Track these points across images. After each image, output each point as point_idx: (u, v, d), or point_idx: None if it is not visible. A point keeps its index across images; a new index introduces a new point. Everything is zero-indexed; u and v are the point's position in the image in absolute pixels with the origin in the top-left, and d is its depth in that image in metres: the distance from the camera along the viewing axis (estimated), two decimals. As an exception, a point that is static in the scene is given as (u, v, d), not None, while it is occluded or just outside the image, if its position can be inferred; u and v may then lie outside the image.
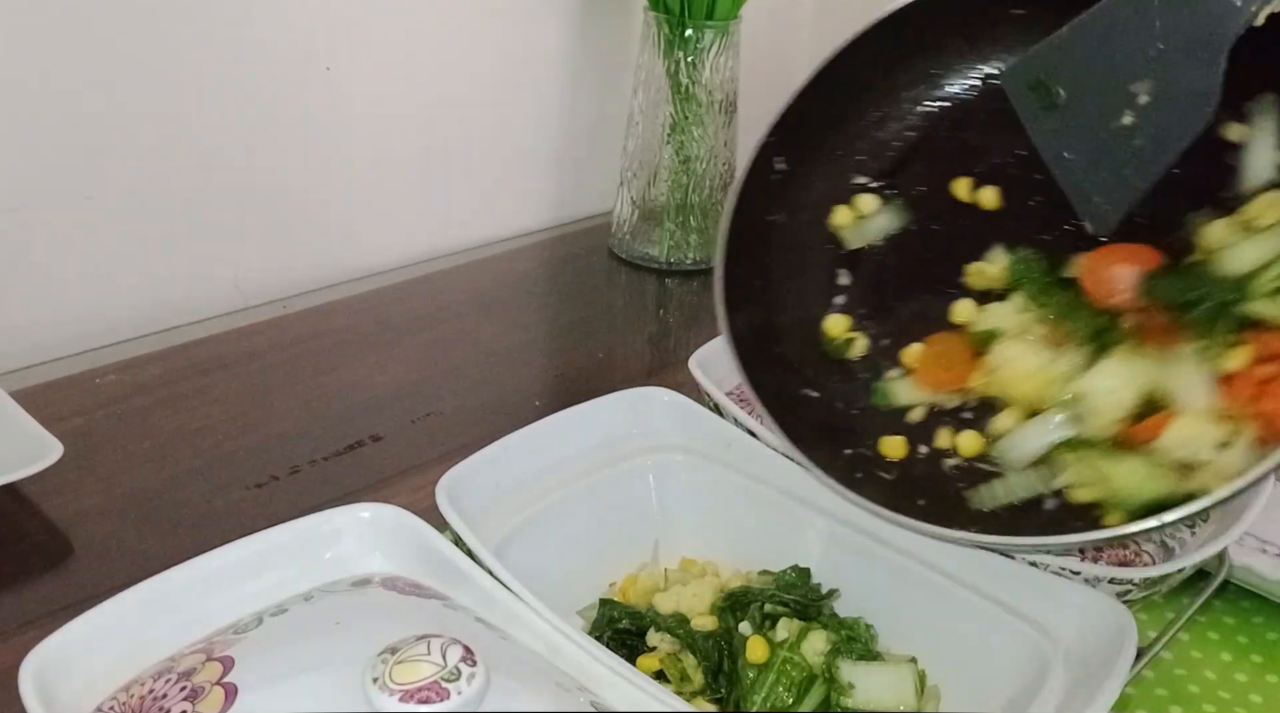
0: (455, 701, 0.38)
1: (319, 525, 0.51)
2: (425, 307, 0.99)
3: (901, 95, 0.63)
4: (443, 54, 1.05)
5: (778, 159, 0.62)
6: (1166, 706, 0.59)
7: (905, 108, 0.63)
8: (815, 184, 0.64)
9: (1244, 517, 0.60)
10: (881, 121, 0.64)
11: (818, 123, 0.63)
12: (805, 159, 0.63)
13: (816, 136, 0.63)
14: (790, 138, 0.62)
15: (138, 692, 0.42)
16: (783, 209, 0.63)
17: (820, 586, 0.59)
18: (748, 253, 0.62)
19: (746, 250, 0.62)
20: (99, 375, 0.82)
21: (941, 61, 0.62)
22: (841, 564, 0.60)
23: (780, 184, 0.63)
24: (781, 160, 0.62)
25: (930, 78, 0.63)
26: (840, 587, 0.59)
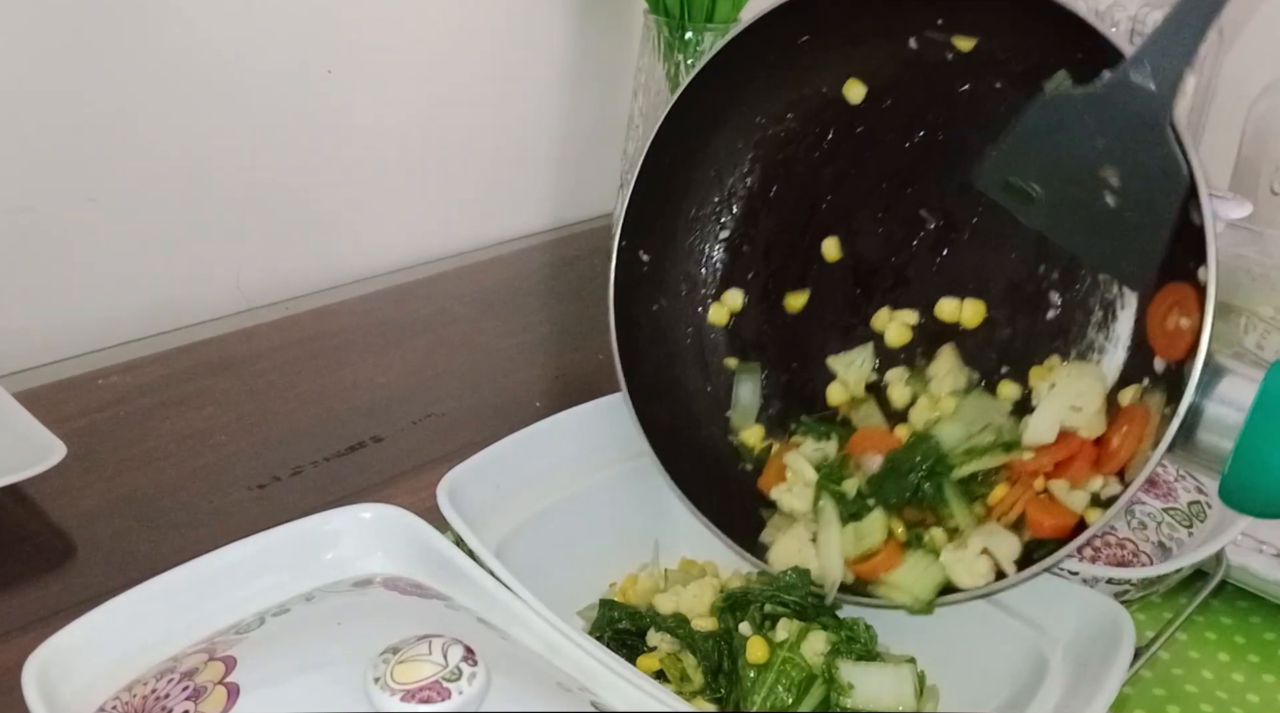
0: (456, 700, 0.38)
1: (320, 526, 0.51)
2: (426, 308, 0.99)
3: (727, 147, 0.65)
4: (444, 57, 1.06)
5: (641, 253, 0.65)
6: (1164, 705, 0.59)
7: (736, 157, 0.66)
8: (681, 261, 0.67)
9: (1241, 517, 0.60)
10: (719, 178, 0.66)
11: (664, 205, 0.65)
12: (665, 242, 0.66)
13: (669, 217, 0.66)
14: (644, 230, 0.64)
15: (140, 692, 0.42)
16: (661, 294, 0.67)
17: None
18: (644, 347, 0.65)
19: (642, 345, 0.65)
20: (102, 377, 0.82)
21: (754, 105, 0.64)
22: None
23: (651, 273, 0.66)
24: (644, 252, 0.65)
25: (751, 125, 0.65)
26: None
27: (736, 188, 0.66)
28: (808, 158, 0.64)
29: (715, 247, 0.67)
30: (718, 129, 0.64)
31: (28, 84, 0.80)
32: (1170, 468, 0.66)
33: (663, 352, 0.66)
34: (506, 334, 0.96)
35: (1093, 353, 0.57)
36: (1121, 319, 0.57)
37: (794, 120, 0.64)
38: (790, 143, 0.65)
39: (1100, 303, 0.57)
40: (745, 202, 0.66)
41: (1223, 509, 0.63)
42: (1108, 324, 0.57)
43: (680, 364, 0.67)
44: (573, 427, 0.64)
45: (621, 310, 0.64)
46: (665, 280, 0.66)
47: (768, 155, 0.65)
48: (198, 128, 0.90)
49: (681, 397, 0.66)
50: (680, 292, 0.67)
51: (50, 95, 0.81)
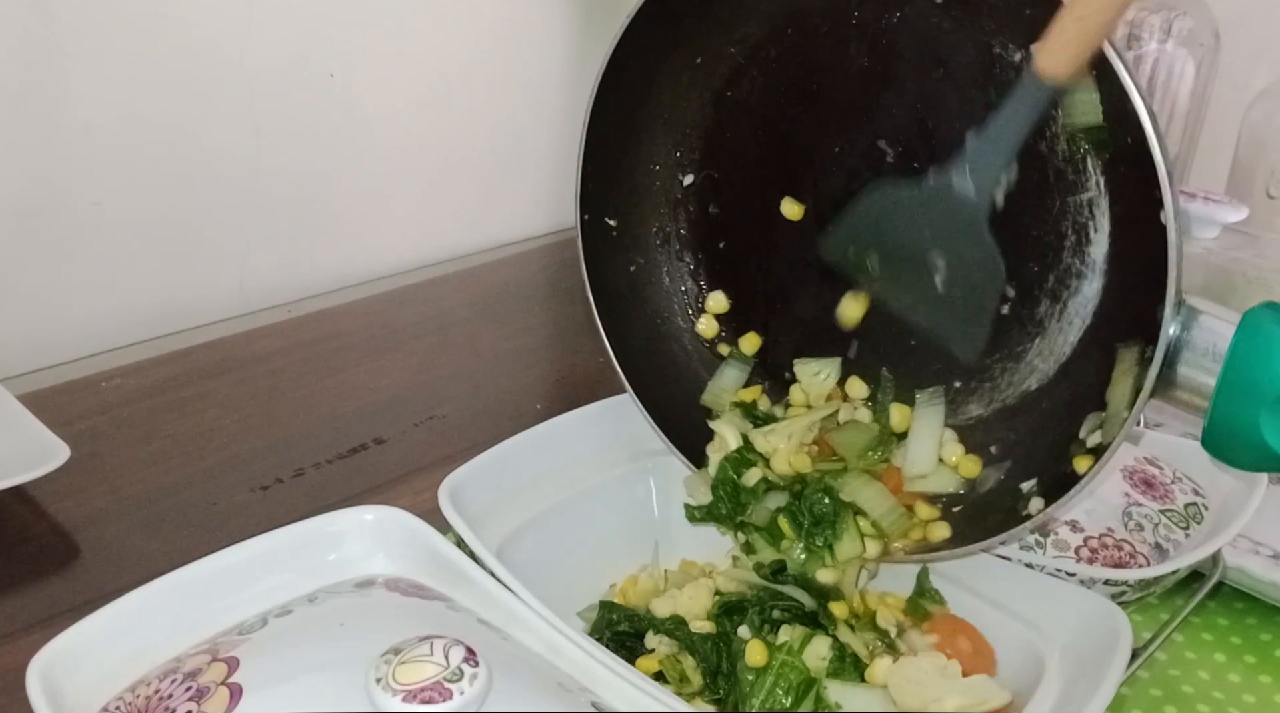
0: (458, 701, 0.38)
1: (323, 528, 0.51)
2: (428, 311, 1.00)
3: (672, 92, 0.64)
4: (445, 62, 1.06)
5: (607, 220, 0.64)
6: (1161, 706, 0.59)
7: (684, 99, 0.64)
8: (650, 215, 0.66)
9: (1238, 519, 0.60)
10: (671, 123, 0.65)
11: (620, 165, 0.64)
12: (630, 202, 0.65)
13: (627, 176, 0.65)
14: (605, 196, 0.64)
15: (143, 692, 0.42)
16: (636, 253, 0.66)
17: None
18: (626, 308, 0.65)
19: (624, 307, 0.65)
20: (106, 379, 0.82)
21: (693, 46, 0.63)
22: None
23: (621, 237, 0.65)
24: (609, 217, 0.65)
25: (693, 66, 0.63)
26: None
27: (690, 131, 0.65)
28: (756, 91, 0.63)
29: (684, 193, 0.66)
30: (658, 74, 0.63)
31: (31, 88, 0.80)
32: (1167, 470, 0.66)
33: (648, 312, 0.66)
34: (507, 337, 0.96)
35: (1071, 278, 0.57)
36: (1095, 243, 0.56)
37: (736, 54, 0.63)
38: (737, 77, 0.63)
39: (1073, 226, 0.56)
40: (703, 144, 0.65)
41: (1218, 512, 0.63)
42: (1082, 248, 0.56)
43: (667, 317, 0.67)
44: (573, 429, 0.64)
45: (599, 283, 0.64)
46: (638, 238, 0.66)
47: (717, 91, 0.64)
48: (201, 132, 0.90)
49: (673, 353, 0.66)
50: (655, 244, 0.66)
51: (55, 101, 0.81)
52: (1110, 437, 0.51)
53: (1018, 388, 0.59)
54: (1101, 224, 0.55)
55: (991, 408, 0.60)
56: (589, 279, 0.64)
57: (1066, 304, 0.57)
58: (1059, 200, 0.56)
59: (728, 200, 0.66)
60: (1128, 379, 0.52)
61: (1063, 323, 0.57)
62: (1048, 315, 0.57)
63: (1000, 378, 0.59)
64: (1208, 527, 0.63)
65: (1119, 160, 0.53)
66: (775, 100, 0.63)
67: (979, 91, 0.56)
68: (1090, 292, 0.56)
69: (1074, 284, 0.57)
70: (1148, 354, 0.49)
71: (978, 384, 0.60)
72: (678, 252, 0.67)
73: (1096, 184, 0.55)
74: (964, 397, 0.60)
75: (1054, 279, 0.57)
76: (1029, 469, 0.56)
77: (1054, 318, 0.57)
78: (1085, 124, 0.53)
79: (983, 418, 0.60)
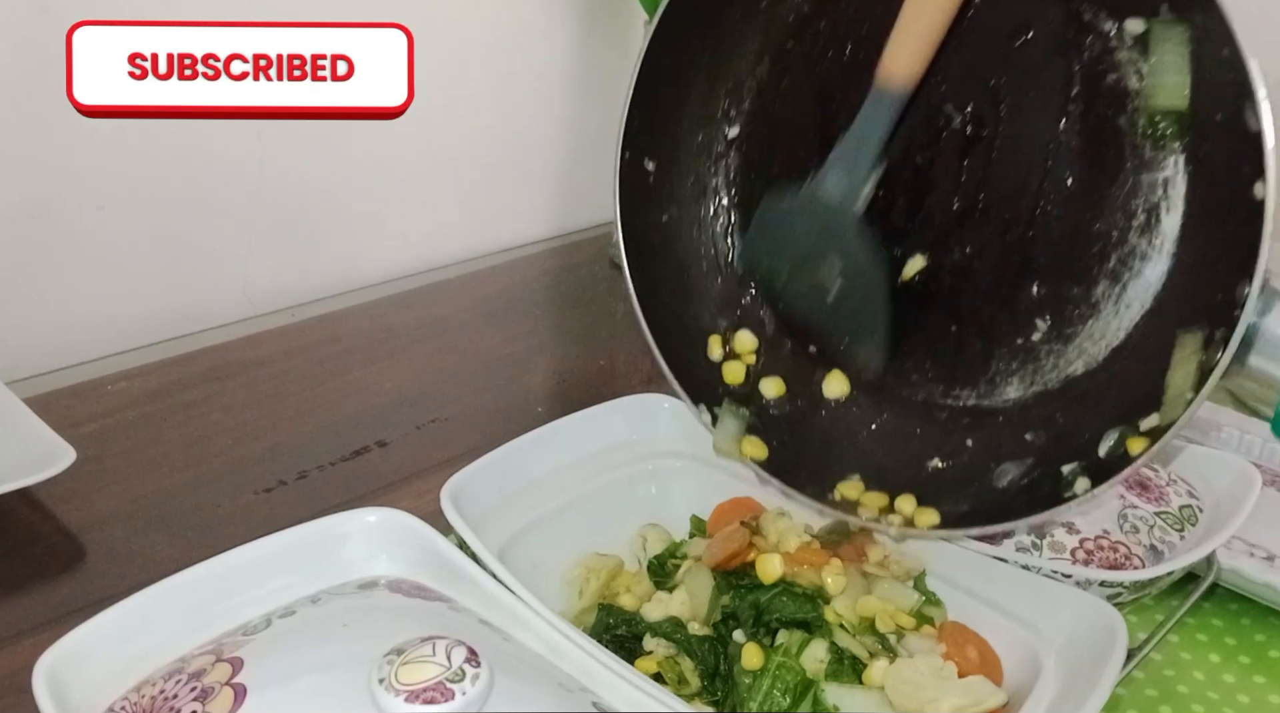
0: (460, 701, 0.38)
1: (326, 529, 0.52)
2: (430, 315, 1.00)
3: (731, 37, 0.62)
4: (448, 69, 1.06)
5: (646, 163, 0.62)
6: (1156, 706, 0.59)
7: (742, 45, 0.62)
8: (689, 165, 0.64)
9: (1232, 521, 0.61)
10: (725, 71, 0.63)
11: (667, 108, 0.62)
12: (670, 147, 0.63)
13: (672, 120, 0.63)
14: (647, 137, 0.61)
15: (149, 692, 0.43)
16: (671, 203, 0.64)
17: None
18: (654, 259, 0.63)
19: (653, 258, 0.63)
20: (111, 382, 0.82)
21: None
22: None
23: (658, 183, 0.63)
24: (649, 160, 0.62)
25: (756, 10, 0.61)
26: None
27: (745, 80, 0.62)
28: (819, 46, 0.61)
29: (726, 147, 0.64)
30: (720, 20, 0.61)
31: (36, 94, 0.80)
32: (1162, 473, 0.66)
33: (675, 264, 0.64)
34: (508, 340, 0.96)
35: (1134, 260, 0.55)
36: (1166, 223, 0.54)
37: (805, 3, 0.60)
38: (801, 27, 0.61)
39: (1144, 205, 0.54)
40: (755, 95, 0.63)
41: (1213, 514, 0.64)
42: (1151, 228, 0.54)
43: (695, 274, 0.65)
44: (574, 432, 0.64)
45: (630, 228, 0.62)
46: (674, 188, 0.64)
47: (777, 43, 0.61)
48: (205, 137, 0.90)
49: (695, 310, 0.64)
50: (691, 197, 0.64)
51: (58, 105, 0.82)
52: (1170, 418, 0.49)
53: (1062, 372, 0.58)
54: (1175, 204, 0.53)
55: (1032, 391, 0.58)
56: (621, 222, 0.62)
57: (1127, 286, 0.55)
58: (1132, 178, 0.54)
59: (769, 161, 0.64)
60: (1190, 363, 0.50)
61: (1120, 306, 0.55)
62: (1104, 297, 0.56)
63: (1045, 360, 0.58)
64: (1202, 529, 0.63)
65: (1203, 138, 0.51)
66: (838, 58, 0.60)
67: (1060, 58, 0.55)
68: (1154, 274, 0.54)
69: (1137, 266, 0.55)
70: (1218, 336, 0.47)
71: (1020, 366, 0.59)
72: (712, 208, 0.65)
73: (1175, 162, 0.53)
74: (1004, 378, 0.59)
75: (1116, 260, 0.55)
76: (1068, 454, 0.55)
77: (1111, 300, 0.56)
78: (1168, 108, 0.52)
79: (1021, 401, 0.59)
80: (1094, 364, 0.57)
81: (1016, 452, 0.58)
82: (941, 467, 0.60)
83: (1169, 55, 0.52)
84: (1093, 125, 0.55)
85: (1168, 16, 0.51)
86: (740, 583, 0.57)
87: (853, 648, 0.54)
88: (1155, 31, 0.52)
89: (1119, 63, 0.54)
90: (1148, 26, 0.53)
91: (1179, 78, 0.51)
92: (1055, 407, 0.58)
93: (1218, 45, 0.47)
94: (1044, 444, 0.57)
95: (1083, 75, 0.55)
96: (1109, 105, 0.54)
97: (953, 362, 0.60)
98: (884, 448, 0.62)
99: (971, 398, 0.60)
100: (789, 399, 0.63)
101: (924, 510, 0.57)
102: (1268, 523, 0.66)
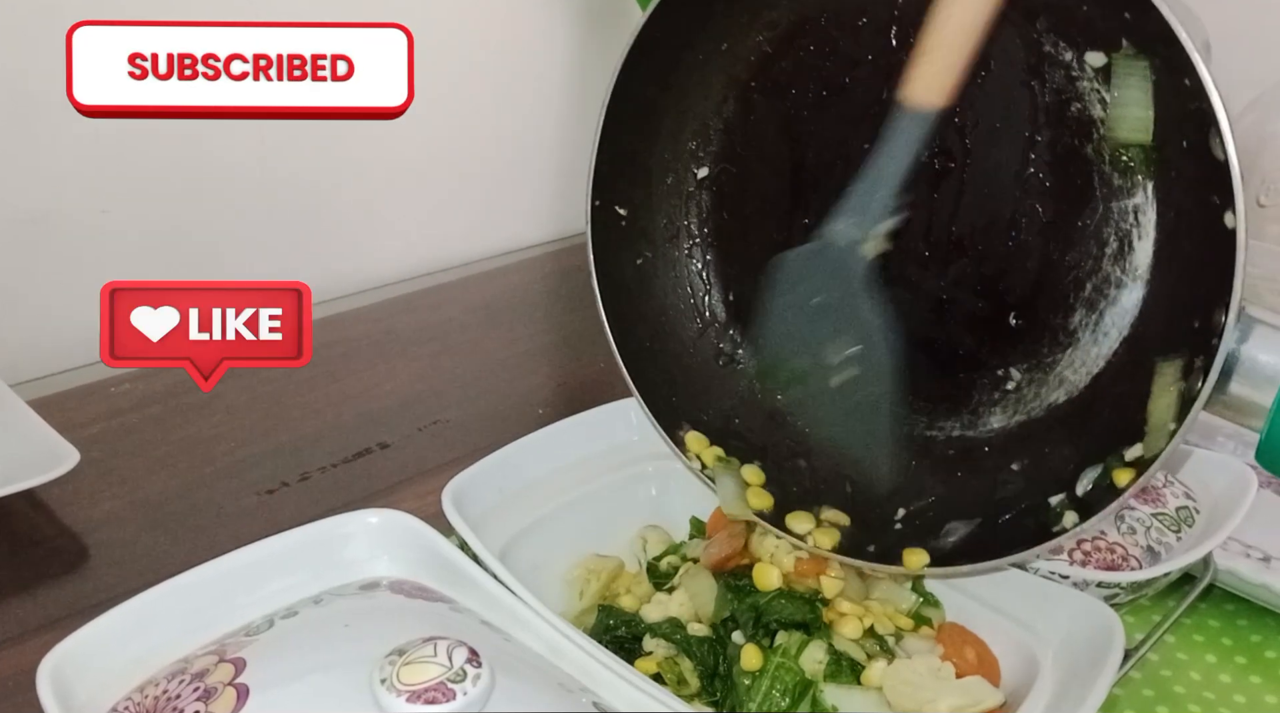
0: (461, 701, 0.39)
1: (328, 531, 0.52)
2: (432, 317, 1.00)
3: (697, 80, 0.62)
4: (449, 73, 1.06)
5: (618, 208, 0.62)
6: (1153, 706, 0.59)
7: (706, 87, 0.62)
8: (661, 207, 0.64)
9: (1228, 522, 0.61)
10: (690, 113, 0.63)
11: (635, 153, 0.62)
12: (642, 192, 0.63)
13: (642, 165, 0.63)
14: (618, 183, 0.62)
15: (152, 692, 0.43)
16: (645, 247, 0.64)
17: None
18: (631, 300, 0.63)
19: (629, 299, 0.63)
20: (114, 385, 0.82)
21: (720, 33, 0.61)
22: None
23: (631, 227, 0.63)
24: (619, 206, 0.63)
25: (719, 53, 0.61)
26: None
27: (711, 122, 0.63)
28: (784, 84, 0.61)
29: (697, 187, 0.64)
30: (683, 61, 0.61)
31: (40, 97, 0.81)
32: (1159, 475, 0.66)
33: (653, 307, 0.64)
34: (509, 343, 0.96)
35: (1109, 287, 0.55)
36: (1139, 250, 0.53)
37: (765, 43, 0.60)
38: (762, 67, 0.61)
39: (1116, 233, 0.54)
40: (722, 135, 0.63)
41: (1210, 515, 0.64)
42: (1124, 255, 0.54)
43: (672, 315, 0.65)
44: (574, 433, 0.65)
45: (606, 272, 0.62)
46: (647, 231, 0.64)
47: (741, 83, 0.61)
48: (208, 141, 0.91)
49: (675, 351, 0.64)
50: (664, 238, 0.64)
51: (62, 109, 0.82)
52: (1155, 450, 0.49)
53: (1044, 400, 0.58)
54: (1147, 231, 0.53)
55: (1015, 420, 0.58)
56: (595, 267, 0.62)
57: (1103, 314, 0.55)
58: (1102, 206, 0.54)
59: (741, 200, 0.64)
60: (1171, 393, 0.50)
61: (1098, 334, 0.55)
62: (1082, 325, 0.56)
63: (1027, 390, 0.58)
64: (1199, 530, 0.63)
65: (1170, 167, 0.51)
66: (803, 95, 0.60)
67: (1024, 89, 0.55)
68: (1130, 302, 0.54)
69: (1112, 293, 0.55)
70: (1198, 364, 0.47)
71: (1001, 396, 0.59)
72: (686, 249, 0.65)
73: (1143, 191, 0.53)
74: (986, 408, 0.59)
75: (1091, 287, 0.55)
76: (1053, 485, 0.54)
77: (1089, 328, 0.56)
78: (1131, 141, 0.52)
79: (1005, 430, 0.59)
80: (1075, 392, 0.57)
81: (1004, 483, 0.58)
82: (931, 501, 0.59)
83: (1131, 90, 0.51)
84: (1061, 155, 0.54)
85: (1129, 51, 0.51)
86: (739, 584, 0.57)
87: (851, 651, 0.54)
88: (1117, 65, 0.52)
89: (1082, 92, 0.54)
90: (1109, 60, 0.52)
91: (1142, 112, 0.51)
92: (1039, 436, 0.58)
93: (1179, 75, 0.46)
94: (1031, 475, 0.57)
95: (1047, 105, 0.55)
96: (1075, 134, 0.54)
97: (934, 394, 0.60)
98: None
99: (956, 429, 0.60)
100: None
101: (913, 551, 0.56)
102: (1264, 525, 0.66)
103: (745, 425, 0.63)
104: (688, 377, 0.65)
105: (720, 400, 0.64)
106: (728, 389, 0.65)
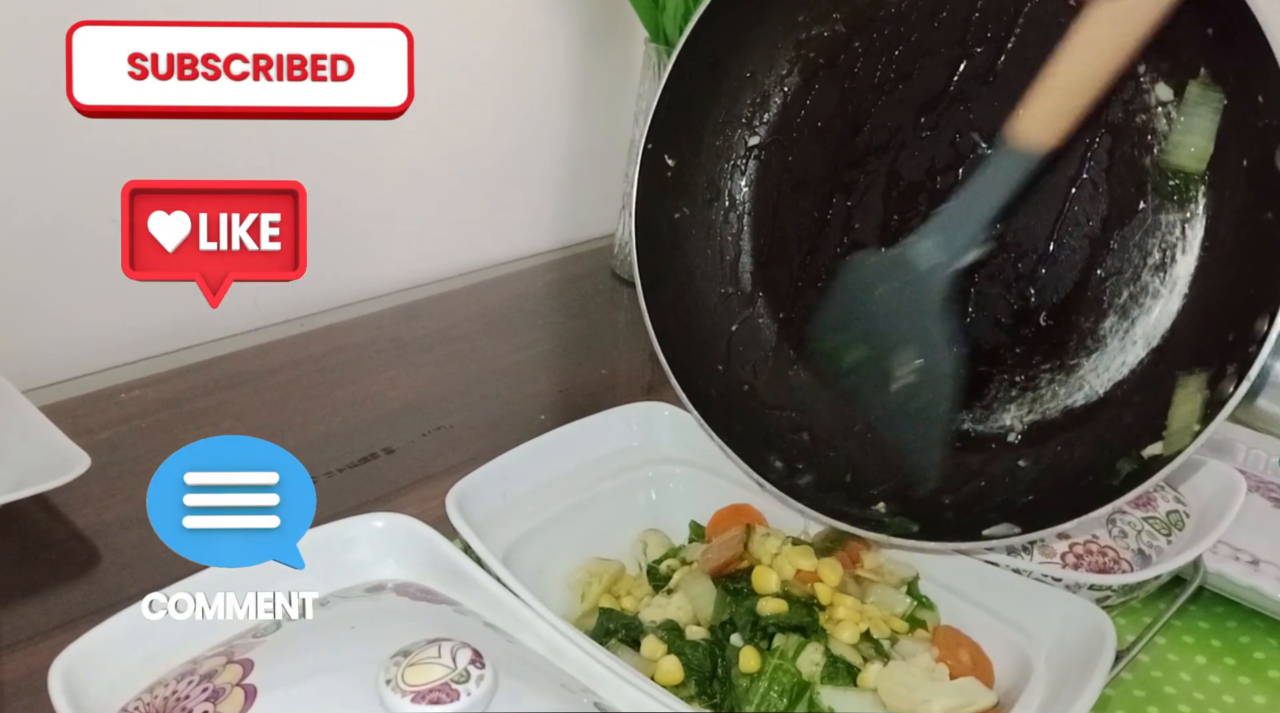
0: (465, 701, 0.39)
1: (334, 534, 0.52)
2: (436, 325, 1.00)
3: (765, 46, 0.61)
4: (453, 84, 1.06)
5: (667, 157, 0.62)
6: (1144, 706, 0.59)
7: (773, 57, 0.62)
8: (707, 167, 0.63)
9: (1218, 526, 0.61)
10: (754, 79, 0.62)
11: (694, 107, 0.62)
12: (692, 146, 0.63)
13: (697, 120, 0.62)
14: (671, 133, 0.61)
15: (161, 693, 0.43)
16: (684, 202, 0.63)
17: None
18: (663, 252, 0.62)
19: (661, 250, 0.62)
20: (124, 391, 0.83)
21: (797, 1, 0.60)
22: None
23: (675, 179, 0.62)
24: (670, 156, 0.62)
25: (792, 23, 0.61)
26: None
27: (772, 91, 0.62)
28: (851, 65, 0.60)
29: (745, 153, 0.64)
30: (756, 25, 0.60)
31: (49, 109, 0.81)
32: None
33: (680, 263, 0.64)
34: (513, 350, 0.97)
35: (1145, 297, 0.55)
36: (1181, 263, 0.53)
37: (840, 21, 0.60)
38: (834, 46, 0.60)
39: (1161, 244, 0.54)
40: (780, 108, 0.62)
41: (1199, 519, 0.64)
42: (1165, 267, 0.54)
43: (698, 275, 0.64)
44: (576, 439, 0.65)
45: (644, 219, 0.61)
46: (690, 187, 0.63)
47: (808, 58, 0.61)
48: (215, 150, 0.91)
49: (698, 311, 0.64)
50: (704, 199, 0.64)
51: (70, 119, 0.83)
52: (1174, 449, 0.49)
53: (1062, 402, 0.58)
54: (1192, 246, 0.53)
55: (1028, 420, 0.59)
56: (635, 212, 0.61)
57: (1135, 322, 0.55)
58: (1150, 217, 0.54)
59: (785, 174, 0.63)
60: (1194, 401, 0.50)
61: (1126, 342, 0.55)
62: (1112, 331, 0.56)
63: (1045, 389, 0.58)
64: (1189, 533, 0.63)
65: (1226, 186, 0.51)
66: (867, 79, 0.60)
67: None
68: (1164, 313, 0.54)
69: (1147, 303, 0.55)
70: (1230, 371, 0.47)
71: (1019, 393, 0.58)
72: (723, 213, 0.64)
73: (1195, 206, 0.53)
74: (1000, 405, 0.59)
75: (1127, 295, 0.55)
76: (1061, 483, 0.55)
77: (1118, 335, 0.56)
78: (1185, 168, 0.52)
79: (1017, 429, 0.59)
80: (1094, 397, 0.57)
81: (1008, 477, 0.58)
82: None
83: (1198, 119, 0.51)
84: (1118, 162, 0.54)
85: (1205, 79, 0.51)
86: (737, 587, 0.58)
87: (847, 654, 0.55)
88: (1191, 93, 0.52)
89: (1149, 104, 0.54)
90: (1183, 86, 0.52)
91: (1204, 142, 0.51)
92: (1051, 437, 0.58)
93: (1254, 92, 0.46)
94: (1036, 474, 0.57)
95: (1112, 112, 0.55)
96: (1136, 145, 0.54)
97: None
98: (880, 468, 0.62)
99: (966, 422, 0.61)
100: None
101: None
102: (1252, 528, 0.67)
103: (757, 393, 0.63)
104: (705, 333, 0.64)
105: (734, 366, 0.64)
106: (743, 356, 0.64)
